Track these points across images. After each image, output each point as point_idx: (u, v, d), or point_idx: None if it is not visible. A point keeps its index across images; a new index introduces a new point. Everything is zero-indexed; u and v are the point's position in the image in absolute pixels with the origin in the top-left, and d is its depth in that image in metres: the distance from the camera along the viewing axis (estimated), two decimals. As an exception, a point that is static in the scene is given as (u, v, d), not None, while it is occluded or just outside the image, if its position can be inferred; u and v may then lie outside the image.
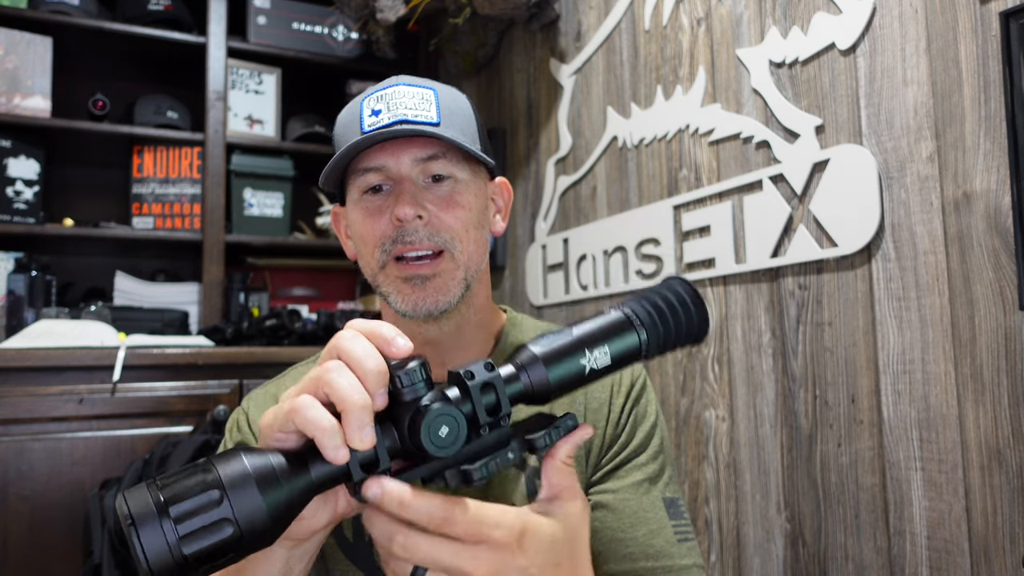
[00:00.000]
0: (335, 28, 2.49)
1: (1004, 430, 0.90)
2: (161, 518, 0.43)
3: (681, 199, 1.43)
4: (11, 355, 1.64)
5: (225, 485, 0.45)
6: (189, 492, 0.44)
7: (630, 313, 0.57)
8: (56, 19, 2.10)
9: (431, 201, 0.79)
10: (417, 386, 0.50)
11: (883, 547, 1.05)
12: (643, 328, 0.56)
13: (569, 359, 0.54)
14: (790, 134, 1.20)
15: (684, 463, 1.43)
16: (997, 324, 0.91)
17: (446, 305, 0.79)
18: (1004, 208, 0.90)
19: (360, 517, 0.78)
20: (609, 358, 0.55)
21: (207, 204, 2.23)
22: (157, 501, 0.44)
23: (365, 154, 0.80)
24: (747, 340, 1.29)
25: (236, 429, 0.86)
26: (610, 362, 0.55)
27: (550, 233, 1.88)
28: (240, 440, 0.84)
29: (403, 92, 0.80)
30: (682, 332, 0.59)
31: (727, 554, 1.32)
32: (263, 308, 2.35)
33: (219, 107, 2.28)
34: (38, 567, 1.60)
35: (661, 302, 0.59)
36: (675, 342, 0.59)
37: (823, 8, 1.15)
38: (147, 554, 0.42)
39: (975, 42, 0.94)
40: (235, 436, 0.85)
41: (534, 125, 1.99)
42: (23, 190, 2.08)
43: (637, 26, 1.59)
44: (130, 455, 1.69)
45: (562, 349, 0.54)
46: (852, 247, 1.09)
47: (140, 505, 0.44)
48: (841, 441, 1.11)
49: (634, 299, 0.59)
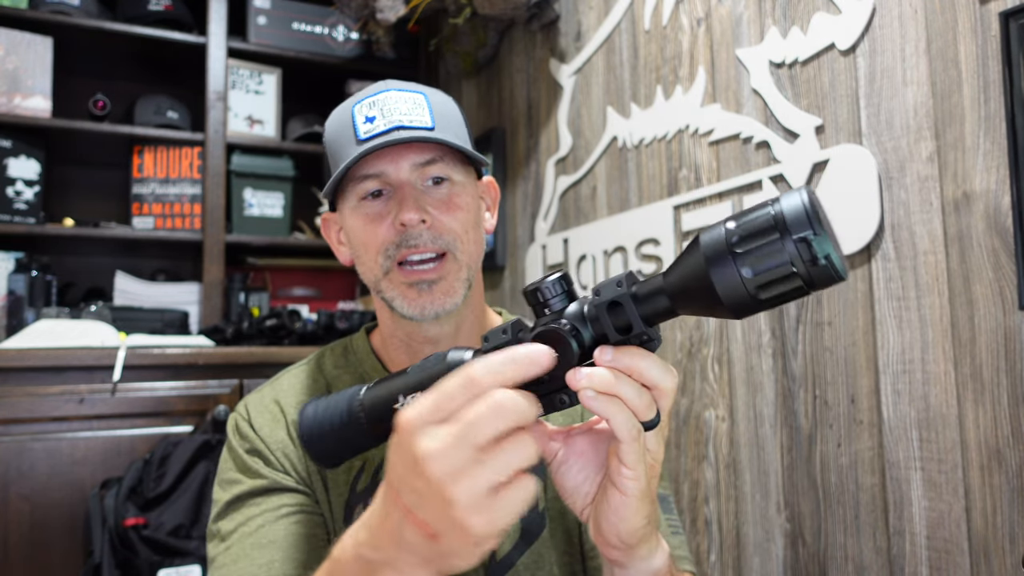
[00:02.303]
0: (335, 28, 2.49)
1: (1004, 430, 0.90)
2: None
3: (681, 199, 1.43)
4: (11, 355, 1.64)
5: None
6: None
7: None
8: (56, 19, 2.10)
9: (432, 204, 0.80)
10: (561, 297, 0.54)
11: (883, 547, 1.05)
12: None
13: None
14: (790, 134, 1.20)
15: (684, 463, 1.43)
16: (997, 324, 0.91)
17: (452, 306, 0.81)
18: (1004, 208, 0.90)
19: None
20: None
21: (207, 204, 2.23)
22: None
23: (363, 161, 0.80)
24: (747, 340, 1.29)
25: (240, 436, 0.85)
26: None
27: (550, 233, 1.88)
28: (251, 447, 0.84)
29: (395, 97, 0.80)
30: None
31: (727, 554, 1.32)
32: (263, 308, 2.35)
33: (219, 107, 2.28)
34: (38, 567, 1.60)
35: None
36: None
37: (823, 8, 1.15)
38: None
39: (975, 42, 0.94)
40: (243, 443, 0.85)
41: (534, 125, 1.99)
42: (23, 190, 2.08)
43: (637, 26, 1.59)
44: (130, 455, 1.69)
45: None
46: (852, 247, 1.09)
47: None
48: (841, 441, 1.11)
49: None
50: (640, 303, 0.52)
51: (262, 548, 0.75)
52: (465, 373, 0.47)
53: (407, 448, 0.46)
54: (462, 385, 0.47)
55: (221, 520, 0.80)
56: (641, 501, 0.54)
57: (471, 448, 0.45)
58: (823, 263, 0.45)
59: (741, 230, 0.47)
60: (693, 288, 0.49)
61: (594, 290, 0.53)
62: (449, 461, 0.45)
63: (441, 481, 0.44)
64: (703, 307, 0.50)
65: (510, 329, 0.55)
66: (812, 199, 0.46)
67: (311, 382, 0.89)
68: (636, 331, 0.51)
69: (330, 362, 0.91)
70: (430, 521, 0.46)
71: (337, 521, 0.81)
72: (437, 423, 0.46)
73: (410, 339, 0.85)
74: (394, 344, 0.88)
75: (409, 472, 0.46)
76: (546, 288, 0.54)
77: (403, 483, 0.47)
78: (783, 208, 0.46)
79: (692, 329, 1.41)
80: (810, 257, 0.45)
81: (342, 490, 0.82)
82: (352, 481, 0.82)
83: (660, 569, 0.60)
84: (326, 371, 0.90)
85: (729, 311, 0.48)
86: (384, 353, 0.90)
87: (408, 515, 0.48)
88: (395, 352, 0.88)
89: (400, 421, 0.47)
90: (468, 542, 0.46)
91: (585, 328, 0.53)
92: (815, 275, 0.45)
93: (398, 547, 0.49)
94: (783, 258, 0.45)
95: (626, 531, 0.55)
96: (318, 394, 0.88)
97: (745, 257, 0.46)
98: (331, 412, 0.62)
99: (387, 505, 0.50)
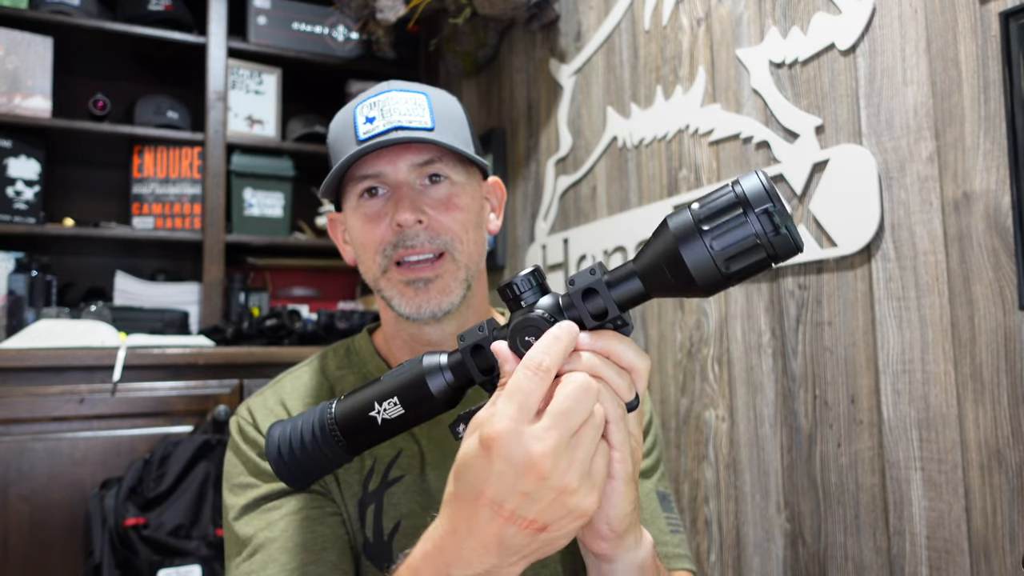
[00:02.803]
0: (335, 28, 2.49)
1: (1004, 430, 0.90)
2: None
3: (681, 199, 1.43)
4: (11, 355, 1.64)
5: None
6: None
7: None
8: (56, 19, 2.10)
9: (430, 204, 0.80)
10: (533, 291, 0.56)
11: (883, 547, 1.05)
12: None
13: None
14: (790, 134, 1.20)
15: (684, 463, 1.43)
16: (997, 324, 0.91)
17: (449, 306, 0.81)
18: (1004, 208, 0.90)
19: (380, 519, 0.79)
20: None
21: (207, 204, 2.23)
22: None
23: (362, 161, 0.81)
24: (747, 340, 1.29)
25: (247, 440, 0.84)
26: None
27: (550, 233, 1.88)
28: (261, 451, 0.81)
29: (396, 98, 0.80)
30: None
31: (727, 554, 1.32)
32: (263, 308, 2.35)
33: (219, 107, 2.28)
34: (38, 567, 1.60)
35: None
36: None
37: (823, 8, 1.15)
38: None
39: (975, 42, 0.94)
40: (252, 448, 0.83)
41: (534, 125, 1.99)
42: (23, 190, 2.08)
43: (637, 26, 1.59)
44: (130, 455, 1.69)
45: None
46: (852, 247, 1.09)
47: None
48: (841, 441, 1.11)
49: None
50: (613, 288, 0.54)
51: (289, 552, 0.74)
52: (527, 362, 0.50)
53: (513, 456, 0.48)
54: (532, 373, 0.49)
55: (238, 523, 0.78)
56: (628, 485, 0.55)
57: (569, 436, 0.48)
58: (784, 232, 0.49)
59: (706, 210, 0.51)
60: (664, 268, 0.52)
61: (568, 280, 0.55)
62: (562, 456, 0.48)
63: (558, 476, 0.48)
64: (674, 287, 0.52)
65: (486, 326, 0.57)
66: (768, 178, 0.50)
67: (314, 383, 0.89)
68: (611, 316, 0.54)
69: (333, 363, 0.91)
70: (540, 516, 0.49)
71: (352, 521, 0.80)
72: (530, 422, 0.49)
73: (414, 341, 0.85)
74: (398, 345, 0.88)
75: (520, 478, 0.48)
76: (518, 283, 0.55)
77: (508, 491, 0.49)
78: (744, 187, 0.50)
79: (692, 329, 1.41)
80: (772, 227, 0.49)
81: (355, 490, 0.81)
82: (364, 480, 0.82)
83: (645, 560, 0.61)
84: (329, 372, 0.90)
85: (699, 287, 0.51)
86: (388, 353, 0.90)
87: (512, 520, 0.49)
88: (399, 352, 0.88)
89: (493, 434, 0.49)
90: (579, 521, 0.50)
91: (561, 317, 0.55)
92: (777, 245, 0.49)
93: (500, 553, 0.51)
94: (748, 230, 0.49)
95: (616, 517, 0.56)
96: (319, 397, 0.87)
97: (713, 232, 0.50)
98: (300, 432, 0.61)
99: (477, 521, 0.51)
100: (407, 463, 0.82)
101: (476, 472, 0.50)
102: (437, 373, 0.58)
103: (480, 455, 0.50)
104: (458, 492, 0.52)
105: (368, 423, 0.59)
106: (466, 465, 0.51)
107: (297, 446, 0.61)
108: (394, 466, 0.82)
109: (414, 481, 0.81)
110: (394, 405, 0.58)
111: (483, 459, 0.49)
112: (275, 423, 0.63)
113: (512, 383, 0.49)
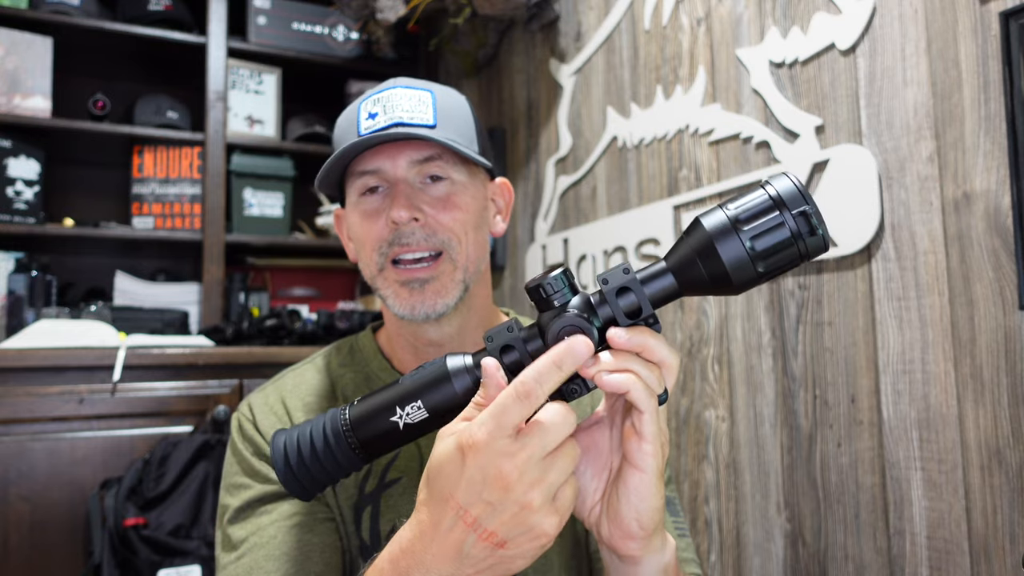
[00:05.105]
0: (335, 28, 2.49)
1: (1004, 430, 0.90)
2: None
3: (681, 199, 1.43)
4: (11, 355, 1.64)
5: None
6: None
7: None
8: (56, 19, 2.10)
9: (428, 203, 0.80)
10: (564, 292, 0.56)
11: (883, 547, 1.05)
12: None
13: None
14: (790, 134, 1.20)
15: (684, 463, 1.43)
16: (997, 324, 0.91)
17: (444, 308, 0.80)
18: (1004, 208, 0.90)
19: (376, 521, 0.79)
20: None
21: (207, 204, 2.23)
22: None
23: (362, 157, 0.80)
24: (747, 340, 1.29)
25: (245, 439, 0.84)
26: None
27: (550, 233, 1.88)
28: (257, 450, 0.82)
29: (400, 95, 0.80)
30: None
31: (727, 554, 1.32)
32: (263, 308, 2.35)
33: (219, 107, 2.28)
34: (38, 567, 1.60)
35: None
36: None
37: (823, 8, 1.15)
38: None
39: (975, 42, 0.94)
40: (248, 447, 0.83)
41: (534, 125, 1.99)
42: (23, 190, 2.08)
43: (637, 26, 1.59)
44: (130, 455, 1.69)
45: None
46: (852, 247, 1.09)
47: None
48: (841, 441, 1.11)
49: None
50: (647, 286, 0.55)
51: (275, 560, 0.74)
52: (518, 386, 0.51)
53: (484, 466, 0.50)
54: (518, 398, 0.50)
55: (231, 527, 0.78)
56: (658, 479, 0.56)
57: (541, 457, 0.50)
58: (820, 232, 0.51)
59: (743, 210, 0.52)
60: (698, 266, 0.53)
61: (601, 279, 0.56)
62: (529, 472, 0.50)
63: (521, 491, 0.49)
64: (708, 284, 0.54)
65: (515, 326, 0.57)
66: (800, 180, 0.52)
67: (316, 381, 0.89)
68: (645, 314, 0.55)
69: (335, 361, 0.91)
70: (500, 530, 0.50)
71: (347, 524, 0.80)
72: (507, 438, 0.50)
73: (415, 339, 0.85)
74: (400, 344, 0.88)
75: (486, 486, 0.50)
76: (550, 283, 0.56)
77: (475, 498, 0.50)
78: (778, 189, 0.52)
79: (692, 329, 1.41)
80: (808, 228, 0.51)
81: (351, 492, 0.81)
82: (360, 482, 0.82)
83: (669, 563, 0.61)
84: (331, 370, 0.90)
85: (734, 285, 0.53)
86: (390, 352, 0.90)
87: (474, 528, 0.50)
88: (401, 352, 0.88)
89: (471, 442, 0.50)
90: (537, 544, 0.51)
91: (595, 317, 0.55)
92: (811, 245, 0.52)
93: (459, 562, 0.52)
94: (785, 232, 0.51)
95: (646, 512, 0.56)
96: (321, 395, 0.87)
97: (751, 232, 0.52)
98: (310, 439, 0.59)
99: (442, 524, 0.52)
100: (404, 465, 0.82)
101: (449, 475, 0.52)
102: (463, 374, 0.57)
103: (455, 459, 0.51)
104: (431, 493, 0.53)
105: (389, 428, 0.58)
106: (440, 468, 0.52)
107: (307, 454, 0.59)
108: (391, 468, 0.82)
109: (412, 483, 0.81)
110: (418, 409, 0.57)
111: (457, 463, 0.51)
112: (279, 431, 0.61)
113: (499, 402, 0.51)
